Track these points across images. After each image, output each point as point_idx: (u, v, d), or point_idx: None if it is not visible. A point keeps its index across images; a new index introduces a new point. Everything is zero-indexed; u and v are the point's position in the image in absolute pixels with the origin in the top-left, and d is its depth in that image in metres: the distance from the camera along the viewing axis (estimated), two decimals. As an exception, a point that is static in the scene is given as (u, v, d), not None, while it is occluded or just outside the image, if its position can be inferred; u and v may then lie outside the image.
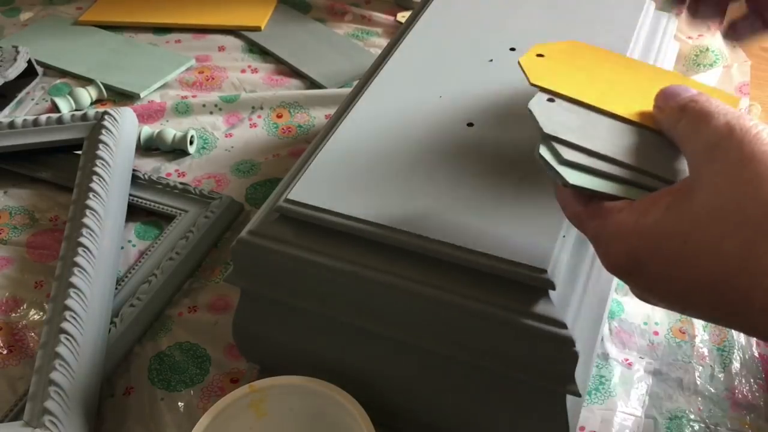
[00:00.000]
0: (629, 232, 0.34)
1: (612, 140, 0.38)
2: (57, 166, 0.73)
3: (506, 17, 0.62)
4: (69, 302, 0.55)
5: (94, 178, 0.64)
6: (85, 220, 0.61)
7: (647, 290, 0.35)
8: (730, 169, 0.32)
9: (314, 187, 0.47)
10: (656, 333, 0.58)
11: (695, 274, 0.32)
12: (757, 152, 0.31)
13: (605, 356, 0.56)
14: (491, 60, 0.57)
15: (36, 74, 0.86)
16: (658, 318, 0.59)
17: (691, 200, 0.32)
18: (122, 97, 0.84)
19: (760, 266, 0.30)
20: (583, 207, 0.37)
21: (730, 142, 0.32)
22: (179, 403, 0.54)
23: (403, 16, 0.95)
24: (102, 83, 0.83)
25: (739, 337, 0.57)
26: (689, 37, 0.88)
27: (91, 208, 0.62)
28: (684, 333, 0.58)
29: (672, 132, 0.37)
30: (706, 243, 0.31)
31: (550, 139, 0.37)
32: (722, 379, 0.55)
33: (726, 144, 0.32)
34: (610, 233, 0.35)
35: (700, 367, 0.55)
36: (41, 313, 0.61)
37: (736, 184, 0.31)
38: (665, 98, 0.38)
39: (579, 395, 0.43)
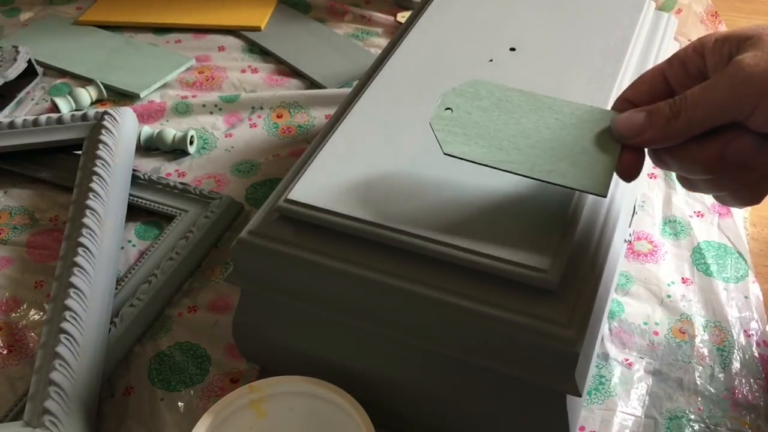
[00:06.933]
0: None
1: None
2: (57, 166, 0.73)
3: (506, 17, 0.62)
4: (69, 302, 0.55)
5: (94, 178, 0.64)
6: (85, 220, 0.61)
7: None
8: None
9: (314, 187, 0.47)
10: (656, 333, 0.58)
11: None
12: None
13: (605, 356, 0.56)
14: (491, 60, 0.57)
15: (36, 74, 0.86)
16: (658, 318, 0.59)
17: None
18: (122, 97, 0.84)
19: None
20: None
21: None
22: (179, 403, 0.54)
23: (403, 16, 0.95)
24: (102, 83, 0.83)
25: (739, 337, 0.57)
26: (689, 40, 0.88)
27: (91, 208, 0.62)
28: (684, 333, 0.58)
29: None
30: None
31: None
32: (722, 379, 0.55)
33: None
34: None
35: (700, 367, 0.55)
36: (41, 313, 0.61)
37: None
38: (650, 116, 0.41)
39: (579, 395, 0.43)
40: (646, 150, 0.43)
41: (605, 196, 0.42)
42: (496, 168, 0.43)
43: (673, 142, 0.41)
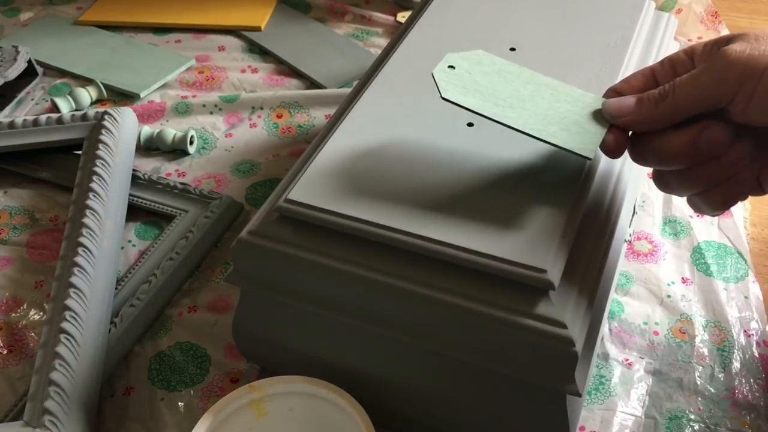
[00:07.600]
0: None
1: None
2: (57, 166, 0.73)
3: (506, 17, 0.62)
4: (69, 302, 0.55)
5: (94, 178, 0.65)
6: (85, 220, 0.61)
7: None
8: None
9: (314, 187, 0.47)
10: (656, 333, 0.58)
11: None
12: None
13: (605, 356, 0.56)
14: (491, 60, 0.57)
15: (36, 74, 0.86)
16: (658, 318, 0.59)
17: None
18: (122, 97, 0.84)
19: None
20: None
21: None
22: (179, 403, 0.54)
23: (403, 16, 0.95)
24: (102, 83, 0.83)
25: (739, 337, 0.57)
26: (689, 40, 0.88)
27: (91, 208, 0.62)
28: (684, 333, 0.58)
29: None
30: None
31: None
32: (722, 379, 0.55)
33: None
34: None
35: (700, 367, 0.55)
36: (41, 313, 0.61)
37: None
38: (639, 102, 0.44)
39: (579, 395, 0.43)
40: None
41: (591, 159, 0.44)
42: (489, 118, 0.45)
43: (657, 126, 0.43)
